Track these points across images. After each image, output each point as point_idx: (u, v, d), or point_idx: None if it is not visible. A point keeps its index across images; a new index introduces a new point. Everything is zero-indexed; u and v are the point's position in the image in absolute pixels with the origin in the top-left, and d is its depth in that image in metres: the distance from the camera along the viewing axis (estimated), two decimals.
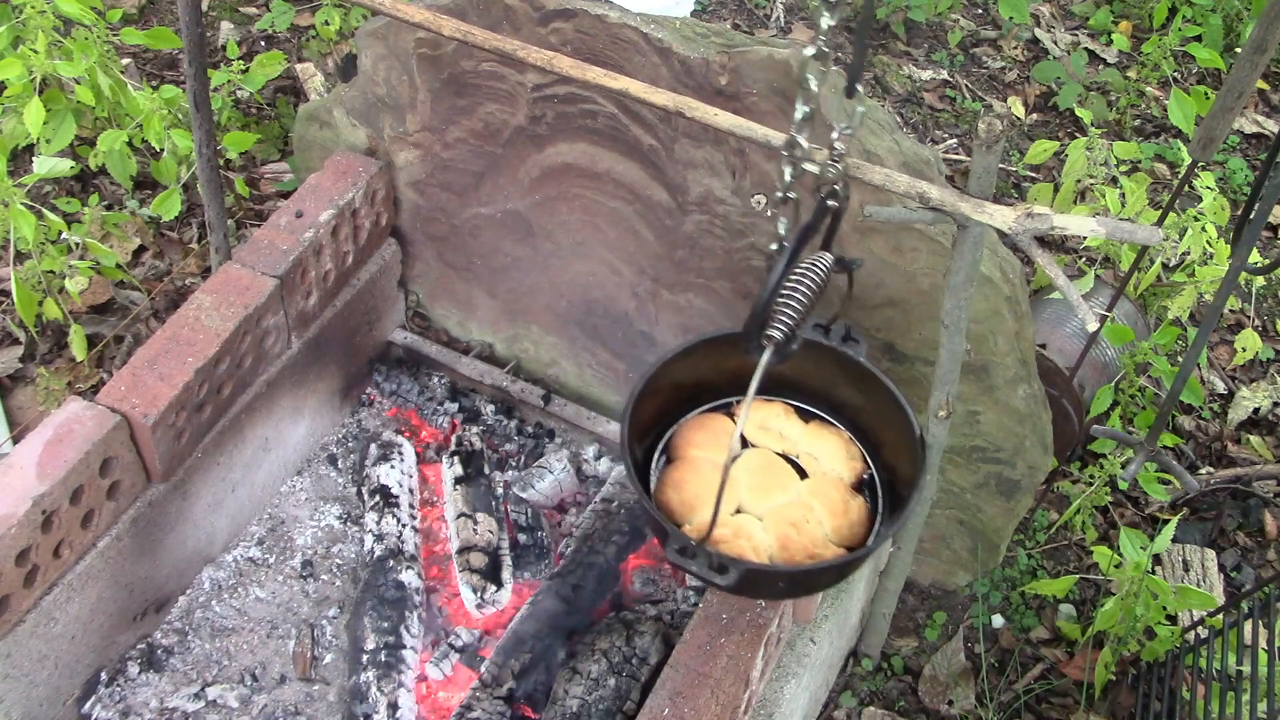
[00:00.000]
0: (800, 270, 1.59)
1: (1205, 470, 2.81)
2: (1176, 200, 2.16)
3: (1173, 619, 2.40)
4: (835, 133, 1.56)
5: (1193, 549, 2.63)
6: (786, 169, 1.62)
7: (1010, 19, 3.47)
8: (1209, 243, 2.64)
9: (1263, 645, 1.95)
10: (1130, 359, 2.54)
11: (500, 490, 2.36)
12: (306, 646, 2.15)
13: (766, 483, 1.80)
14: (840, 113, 1.55)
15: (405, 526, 2.26)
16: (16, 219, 2.39)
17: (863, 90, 1.52)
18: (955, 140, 3.53)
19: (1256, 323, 3.16)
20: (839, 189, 1.60)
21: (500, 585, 2.18)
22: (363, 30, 2.22)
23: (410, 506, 2.31)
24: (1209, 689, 2.06)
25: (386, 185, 2.39)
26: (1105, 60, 3.81)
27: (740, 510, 1.78)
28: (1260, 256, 3.20)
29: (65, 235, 2.56)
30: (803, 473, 1.84)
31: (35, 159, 2.67)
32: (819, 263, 1.61)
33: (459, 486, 2.31)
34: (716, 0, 3.86)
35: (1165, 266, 3.01)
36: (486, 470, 2.37)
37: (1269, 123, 3.69)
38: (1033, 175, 3.45)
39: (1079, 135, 3.50)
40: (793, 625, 2.04)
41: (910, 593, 2.51)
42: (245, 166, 3.17)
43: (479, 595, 2.16)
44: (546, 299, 2.44)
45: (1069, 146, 2.87)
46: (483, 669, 2.02)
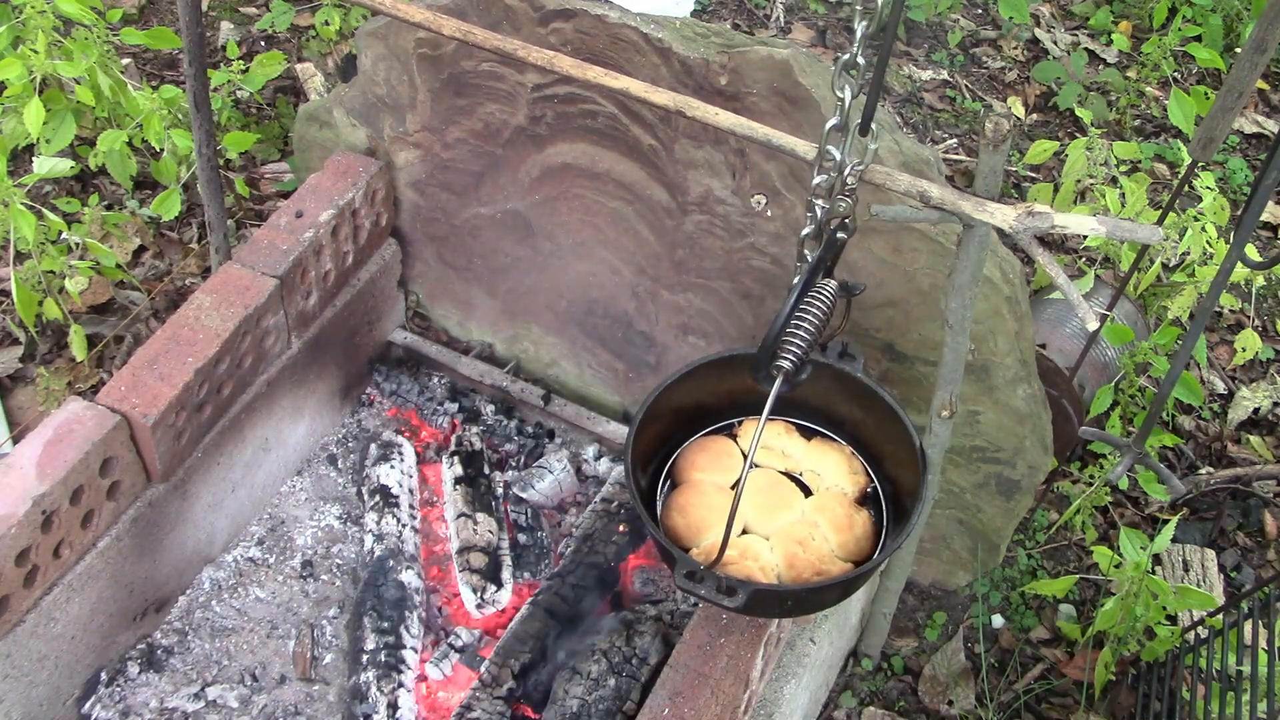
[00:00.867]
0: (807, 300, 1.61)
1: (1205, 470, 2.80)
2: (1176, 200, 2.16)
3: (1173, 619, 2.40)
4: (848, 168, 1.58)
5: (1193, 549, 2.63)
6: (818, 204, 1.65)
7: (1010, 19, 3.47)
8: (1209, 243, 2.64)
9: (1263, 645, 1.95)
10: (1130, 359, 2.54)
11: (500, 490, 2.36)
12: (306, 646, 2.15)
13: (772, 502, 1.82)
14: (852, 149, 1.58)
15: (405, 526, 2.26)
16: (16, 219, 2.39)
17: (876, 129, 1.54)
18: (955, 140, 3.52)
19: (1256, 323, 3.16)
20: (849, 222, 1.63)
21: (500, 585, 2.18)
22: (363, 30, 2.22)
23: (410, 506, 2.31)
24: (1209, 689, 2.06)
25: (386, 185, 2.39)
26: (1105, 60, 3.81)
27: (746, 530, 1.79)
28: (1259, 256, 3.20)
29: (65, 235, 2.56)
30: (807, 490, 1.85)
31: (35, 159, 2.67)
32: (824, 290, 1.63)
33: (459, 486, 2.31)
34: (716, 0, 3.86)
35: (1165, 266, 3.01)
36: (486, 470, 2.37)
37: (1269, 123, 3.69)
38: (1033, 175, 3.45)
39: (1079, 135, 3.49)
40: (792, 625, 2.04)
41: (910, 593, 2.51)
42: (245, 166, 3.17)
43: (479, 595, 2.16)
44: (546, 299, 2.44)
45: (1069, 146, 2.86)
46: (483, 669, 2.02)
